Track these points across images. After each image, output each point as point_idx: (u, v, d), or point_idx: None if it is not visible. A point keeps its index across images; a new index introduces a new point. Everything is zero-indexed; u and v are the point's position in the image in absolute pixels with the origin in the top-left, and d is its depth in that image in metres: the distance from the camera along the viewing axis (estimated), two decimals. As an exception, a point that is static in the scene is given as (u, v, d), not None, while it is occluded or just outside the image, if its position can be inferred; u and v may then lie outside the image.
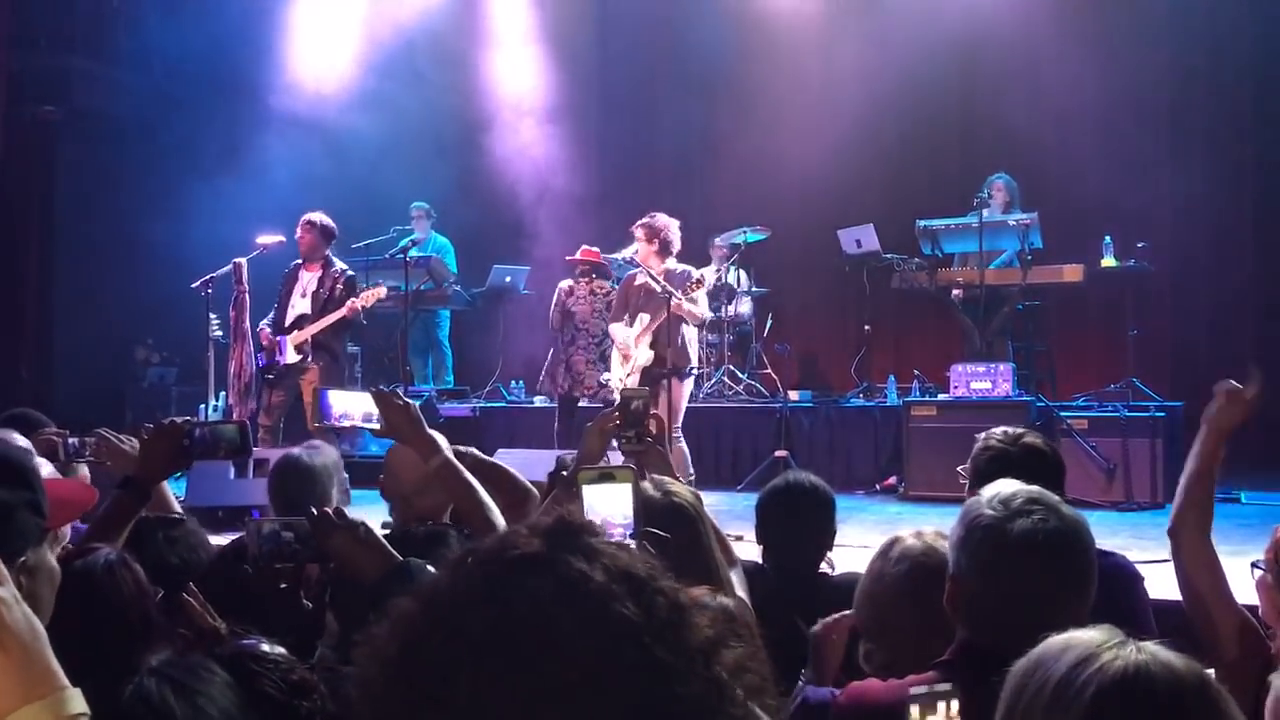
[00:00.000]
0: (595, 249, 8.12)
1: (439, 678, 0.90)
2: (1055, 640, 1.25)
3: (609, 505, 2.01)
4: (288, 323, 7.58)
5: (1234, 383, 2.51)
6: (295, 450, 3.39)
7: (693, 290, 6.77)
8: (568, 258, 8.19)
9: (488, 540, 1.01)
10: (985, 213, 7.96)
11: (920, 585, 2.09)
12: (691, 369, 7.14)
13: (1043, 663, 1.23)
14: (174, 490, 3.44)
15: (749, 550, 3.38)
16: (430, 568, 2.12)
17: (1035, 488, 1.91)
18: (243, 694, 1.45)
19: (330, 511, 2.19)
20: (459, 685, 0.90)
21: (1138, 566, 3.47)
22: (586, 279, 7.97)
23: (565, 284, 8.03)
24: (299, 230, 7.64)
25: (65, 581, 1.55)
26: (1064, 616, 1.75)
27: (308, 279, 7.64)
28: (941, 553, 2.11)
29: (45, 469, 2.68)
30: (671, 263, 6.95)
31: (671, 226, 6.98)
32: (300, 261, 7.72)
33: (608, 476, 2.07)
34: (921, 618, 2.05)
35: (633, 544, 1.50)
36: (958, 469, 2.94)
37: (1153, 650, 1.20)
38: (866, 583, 2.22)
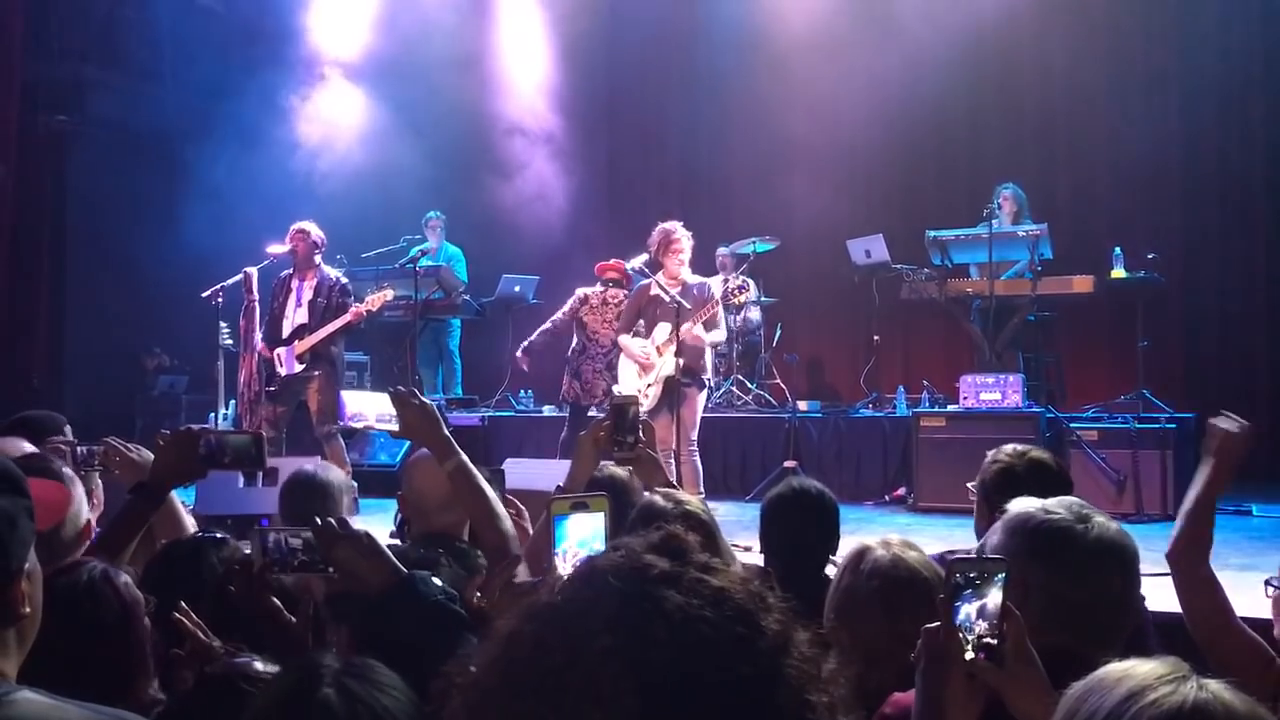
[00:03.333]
0: (620, 261, 8.10)
1: (593, 697, 0.89)
2: (1116, 667, 1.22)
3: (584, 533, 2.03)
4: (286, 334, 7.55)
5: (1234, 417, 2.45)
6: (307, 465, 3.41)
7: (734, 299, 6.73)
8: (598, 265, 8.17)
9: (609, 559, 0.99)
10: (994, 223, 7.95)
11: (891, 598, 2.13)
12: (707, 379, 7.09)
13: (1098, 689, 1.20)
14: (183, 498, 3.44)
15: (754, 559, 3.37)
16: (436, 580, 2.11)
17: (1072, 498, 1.94)
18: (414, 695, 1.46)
19: (334, 521, 2.17)
20: (619, 703, 0.88)
21: (1149, 579, 3.48)
22: (604, 289, 7.98)
23: (583, 291, 8.03)
24: (291, 240, 7.59)
25: (48, 599, 1.55)
26: (1131, 617, 1.85)
27: (302, 289, 7.62)
28: (909, 563, 2.17)
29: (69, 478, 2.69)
30: (687, 274, 6.91)
31: (681, 234, 6.93)
32: (290, 272, 7.70)
33: (581, 505, 2.09)
34: (893, 629, 2.08)
35: None
36: (968, 485, 2.95)
37: (1215, 689, 1.14)
38: (837, 597, 2.23)
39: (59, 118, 10.55)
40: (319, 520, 2.16)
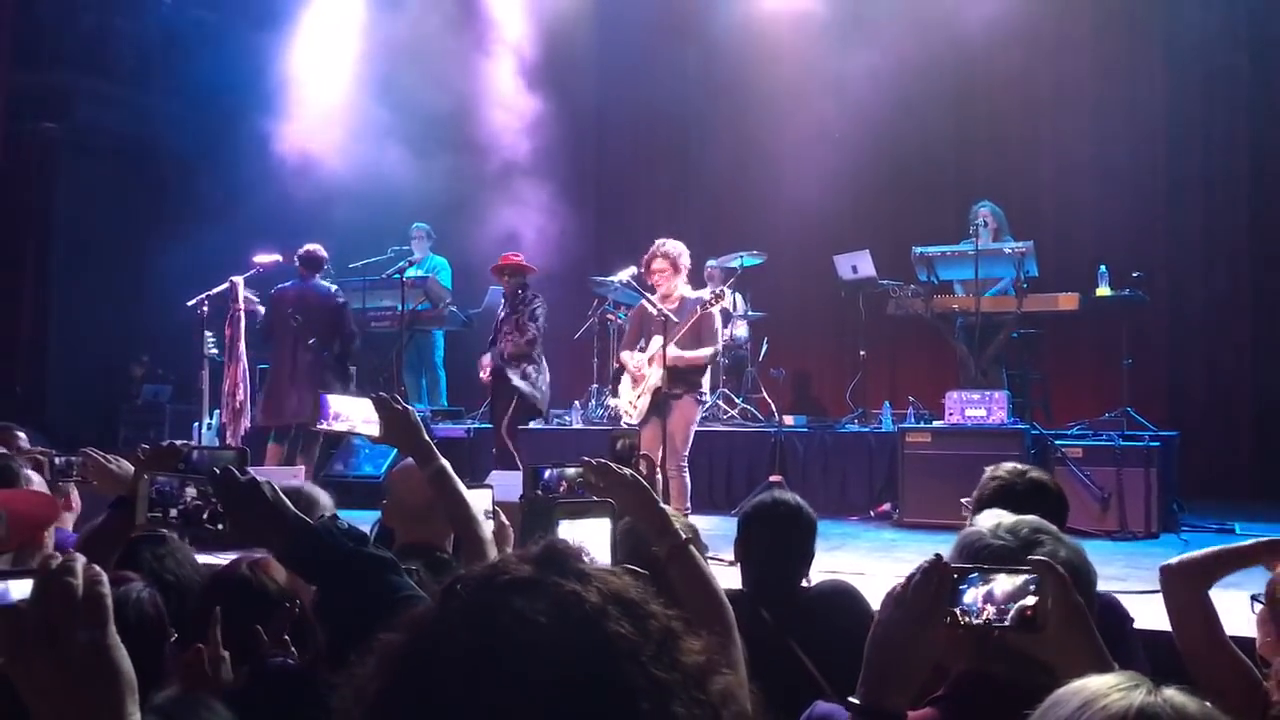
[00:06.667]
0: (518, 254, 8.14)
1: (431, 709, 0.89)
2: (1076, 683, 1.21)
3: (585, 541, 2.02)
4: None
5: None
6: (293, 481, 3.40)
7: (712, 306, 6.72)
8: (491, 267, 8.21)
9: (477, 567, 1.00)
10: (979, 240, 7.97)
11: None
12: (703, 393, 7.01)
13: (1054, 707, 1.20)
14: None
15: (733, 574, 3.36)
16: (341, 523, 1.90)
17: (1034, 517, 1.88)
18: None
19: (234, 469, 1.94)
20: (452, 714, 0.89)
21: (1133, 597, 3.48)
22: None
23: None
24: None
25: None
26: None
27: None
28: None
29: (36, 482, 2.67)
30: (685, 289, 6.91)
31: (661, 255, 6.93)
32: None
33: (583, 512, 2.07)
34: None
35: None
36: (962, 500, 2.93)
37: (1168, 695, 1.14)
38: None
39: (47, 125, 10.53)
40: (216, 470, 1.97)
